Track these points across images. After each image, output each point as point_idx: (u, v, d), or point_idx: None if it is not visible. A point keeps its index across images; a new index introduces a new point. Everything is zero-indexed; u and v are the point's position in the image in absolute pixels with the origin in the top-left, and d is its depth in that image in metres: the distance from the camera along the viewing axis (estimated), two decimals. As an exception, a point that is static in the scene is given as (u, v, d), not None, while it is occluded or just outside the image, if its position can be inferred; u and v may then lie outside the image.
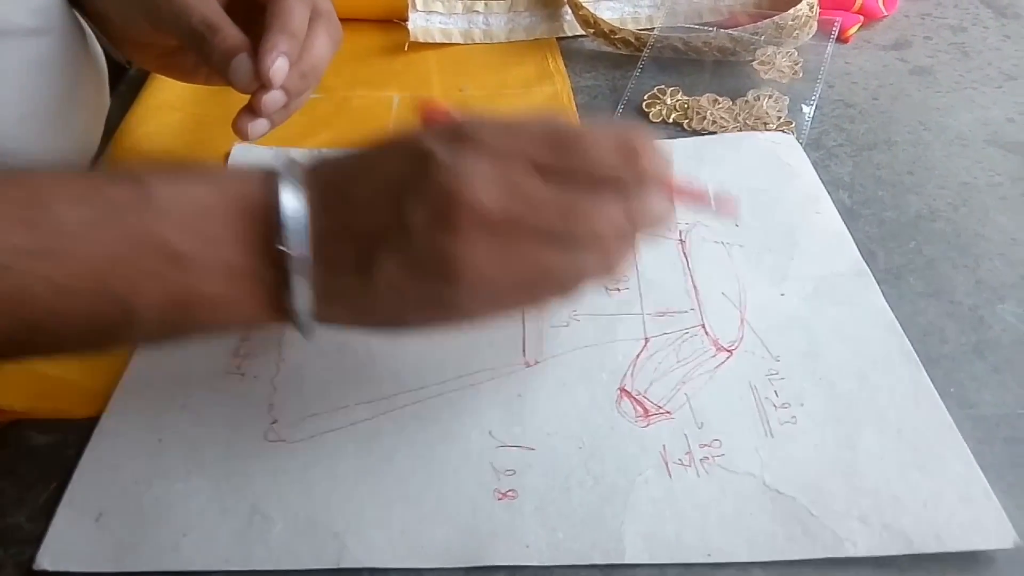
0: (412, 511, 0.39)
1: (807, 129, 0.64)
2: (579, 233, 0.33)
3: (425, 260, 0.32)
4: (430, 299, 0.34)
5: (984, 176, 0.60)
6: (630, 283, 0.50)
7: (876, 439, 0.41)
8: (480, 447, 0.41)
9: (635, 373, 0.45)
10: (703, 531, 0.38)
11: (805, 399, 0.43)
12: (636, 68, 0.71)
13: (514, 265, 0.33)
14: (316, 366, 0.46)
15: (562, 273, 0.35)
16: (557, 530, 0.38)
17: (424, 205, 0.32)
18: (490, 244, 0.32)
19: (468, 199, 0.31)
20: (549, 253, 0.33)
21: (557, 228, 0.33)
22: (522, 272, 0.34)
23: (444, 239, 0.32)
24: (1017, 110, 0.67)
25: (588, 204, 0.33)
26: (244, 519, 0.39)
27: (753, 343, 0.46)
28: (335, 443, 0.42)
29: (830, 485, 0.39)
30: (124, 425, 0.43)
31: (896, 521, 0.37)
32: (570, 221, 0.33)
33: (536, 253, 0.33)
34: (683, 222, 0.54)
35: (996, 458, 0.41)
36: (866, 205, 0.57)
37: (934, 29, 0.79)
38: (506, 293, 0.35)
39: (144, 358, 0.46)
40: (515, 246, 0.33)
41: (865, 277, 0.50)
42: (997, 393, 0.44)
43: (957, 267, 0.52)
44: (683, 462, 0.40)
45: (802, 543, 0.37)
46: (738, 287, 0.50)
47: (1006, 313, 0.49)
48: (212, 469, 0.41)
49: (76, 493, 0.40)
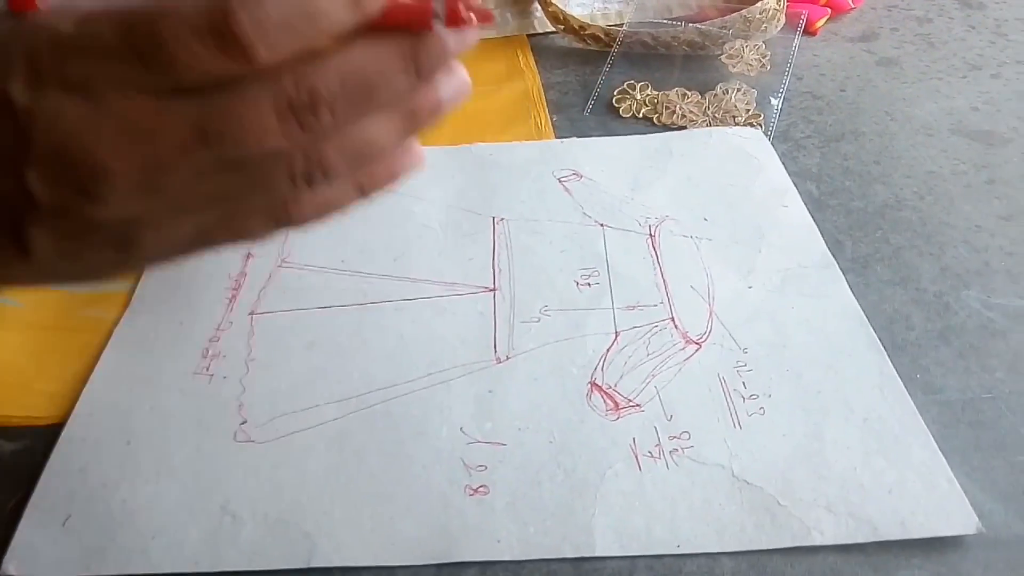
0: (383, 509, 0.39)
1: (775, 121, 0.64)
2: (232, 146, 0.26)
3: (79, 231, 0.27)
4: (110, 260, 0.29)
5: (949, 165, 0.60)
6: (600, 278, 0.50)
7: (842, 429, 0.41)
8: (451, 444, 0.41)
9: (605, 367, 0.45)
10: (673, 523, 0.38)
11: (773, 390, 0.43)
12: (606, 64, 0.71)
13: (181, 203, 0.27)
14: (285, 365, 0.46)
15: (241, 192, 0.28)
16: (528, 524, 0.38)
17: (43, 176, 0.26)
18: (139, 197, 0.26)
19: (88, 162, 0.25)
20: (216, 181, 0.27)
21: (204, 152, 0.26)
22: (195, 209, 0.28)
23: (89, 209, 0.26)
24: (981, 99, 0.68)
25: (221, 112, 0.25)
26: (214, 520, 0.39)
27: (721, 335, 0.46)
28: (305, 442, 0.42)
29: (797, 475, 0.39)
30: (91, 428, 0.43)
31: (861, 509, 0.38)
32: (214, 140, 0.25)
33: (199, 188, 0.27)
34: (653, 216, 0.55)
35: (961, 442, 0.41)
36: (833, 196, 0.58)
37: (900, 20, 0.80)
38: (195, 234, 0.29)
39: (111, 360, 0.46)
40: (169, 185, 0.26)
41: (832, 269, 0.50)
42: (962, 378, 0.45)
43: (923, 255, 0.53)
44: (653, 454, 0.41)
45: (770, 532, 0.37)
46: (707, 280, 0.50)
47: (971, 299, 0.49)
48: (181, 471, 0.41)
49: (42, 497, 0.40)
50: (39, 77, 0.25)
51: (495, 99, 0.68)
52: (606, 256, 0.52)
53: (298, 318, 0.48)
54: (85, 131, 0.25)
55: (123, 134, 0.25)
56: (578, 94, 0.69)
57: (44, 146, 0.25)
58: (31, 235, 0.27)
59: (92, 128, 0.25)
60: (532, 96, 0.68)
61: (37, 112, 0.25)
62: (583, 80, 0.71)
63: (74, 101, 0.25)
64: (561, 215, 0.55)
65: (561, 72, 0.72)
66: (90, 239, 0.28)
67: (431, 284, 0.51)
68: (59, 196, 0.26)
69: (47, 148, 0.25)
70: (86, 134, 0.25)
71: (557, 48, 0.76)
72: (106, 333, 0.47)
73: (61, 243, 0.27)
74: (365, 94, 0.26)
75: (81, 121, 0.25)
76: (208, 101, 0.25)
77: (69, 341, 0.47)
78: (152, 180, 0.26)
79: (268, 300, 0.49)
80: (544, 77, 0.71)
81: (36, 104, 0.25)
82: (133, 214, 0.27)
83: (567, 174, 0.59)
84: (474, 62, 0.29)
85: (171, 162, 0.26)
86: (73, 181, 0.25)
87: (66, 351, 0.46)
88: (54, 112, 0.25)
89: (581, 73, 0.72)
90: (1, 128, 0.25)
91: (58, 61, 0.25)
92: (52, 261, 0.28)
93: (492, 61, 0.72)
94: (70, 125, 0.25)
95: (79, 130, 0.25)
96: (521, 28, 0.77)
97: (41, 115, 0.25)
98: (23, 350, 0.47)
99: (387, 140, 0.29)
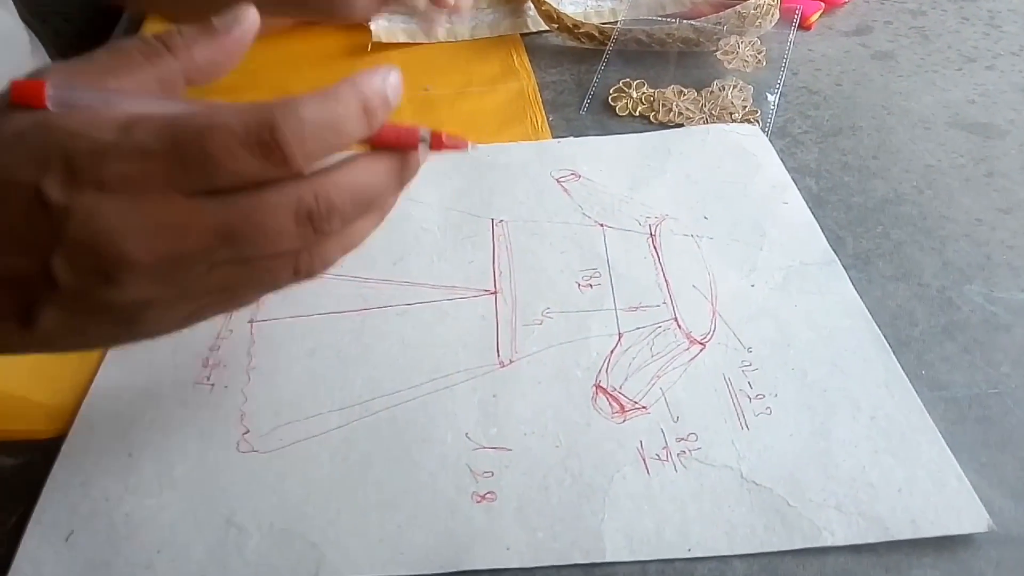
0: (390, 518, 0.39)
1: (772, 117, 0.64)
2: (250, 247, 0.29)
3: (90, 310, 0.30)
4: (110, 335, 0.32)
5: (947, 158, 0.60)
6: (601, 279, 0.50)
7: (849, 427, 0.41)
8: (457, 450, 0.41)
9: (609, 369, 0.45)
10: (683, 526, 0.38)
11: (778, 389, 0.43)
12: (601, 62, 0.71)
13: (190, 293, 0.30)
14: (287, 373, 0.45)
15: (248, 286, 0.32)
16: (537, 530, 0.38)
17: (70, 264, 0.28)
18: (155, 284, 0.29)
19: (116, 253, 0.28)
20: (225, 273, 0.30)
21: (223, 251, 0.29)
22: (200, 295, 0.31)
23: (104, 292, 0.29)
24: (977, 92, 0.68)
25: (246, 216, 0.29)
26: (219, 533, 0.38)
27: (725, 335, 0.46)
28: (309, 451, 0.41)
29: (806, 475, 0.39)
30: (92, 442, 0.42)
31: (871, 509, 0.38)
32: (236, 240, 0.29)
33: (209, 278, 0.30)
34: (653, 215, 0.54)
35: (968, 439, 0.41)
36: (833, 191, 0.57)
37: (894, 13, 0.80)
38: (192, 313, 0.32)
39: (111, 372, 0.45)
40: (184, 276, 0.29)
41: (834, 266, 0.50)
42: (967, 374, 0.45)
43: (924, 250, 0.53)
44: (660, 457, 0.40)
45: (781, 534, 0.37)
46: (708, 279, 0.50)
47: (973, 293, 0.49)
48: (184, 483, 0.40)
49: (45, 512, 0.39)
50: (77, 178, 0.27)
51: (490, 100, 0.68)
52: (607, 256, 0.52)
53: (298, 325, 0.48)
54: (117, 228, 0.27)
55: (153, 230, 0.28)
56: (573, 93, 0.69)
57: (75, 239, 0.27)
58: (41, 313, 0.29)
59: (124, 225, 0.27)
60: (528, 96, 0.68)
61: (73, 209, 0.27)
62: (578, 79, 0.70)
63: (110, 201, 0.27)
64: (560, 216, 0.55)
65: (556, 71, 0.72)
66: (97, 318, 0.30)
67: (431, 288, 0.50)
68: (81, 282, 0.28)
69: (78, 241, 0.27)
70: (118, 230, 0.27)
71: (552, 47, 0.75)
72: (105, 344, 0.47)
73: (68, 320, 0.30)
74: (367, 204, 0.31)
75: (115, 219, 0.27)
76: (234, 204, 0.28)
77: (68, 353, 0.46)
78: (171, 271, 0.29)
79: (267, 307, 0.49)
80: (539, 76, 0.70)
81: (72, 202, 0.27)
82: (145, 298, 0.29)
83: (565, 174, 0.58)
84: (468, 63, 0.33)
85: (192, 257, 0.29)
86: (98, 269, 0.28)
87: (64, 363, 0.46)
88: (89, 210, 0.27)
89: (576, 72, 0.71)
90: (33, 219, 0.27)
91: (97, 166, 0.27)
92: (54, 335, 0.31)
93: (486, 61, 0.72)
94: (104, 222, 0.27)
95: (112, 227, 0.27)
96: (515, 28, 0.77)
97: (76, 212, 0.27)
98: (21, 363, 0.46)
99: (368, 233, 0.34)
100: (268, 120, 0.27)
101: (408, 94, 0.68)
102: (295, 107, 0.28)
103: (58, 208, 0.27)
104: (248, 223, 0.29)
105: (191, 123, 0.27)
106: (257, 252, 0.30)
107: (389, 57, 0.72)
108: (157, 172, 0.27)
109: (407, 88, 0.71)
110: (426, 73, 0.70)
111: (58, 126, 0.28)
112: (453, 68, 0.71)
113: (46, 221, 0.27)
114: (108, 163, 0.27)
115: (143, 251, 0.28)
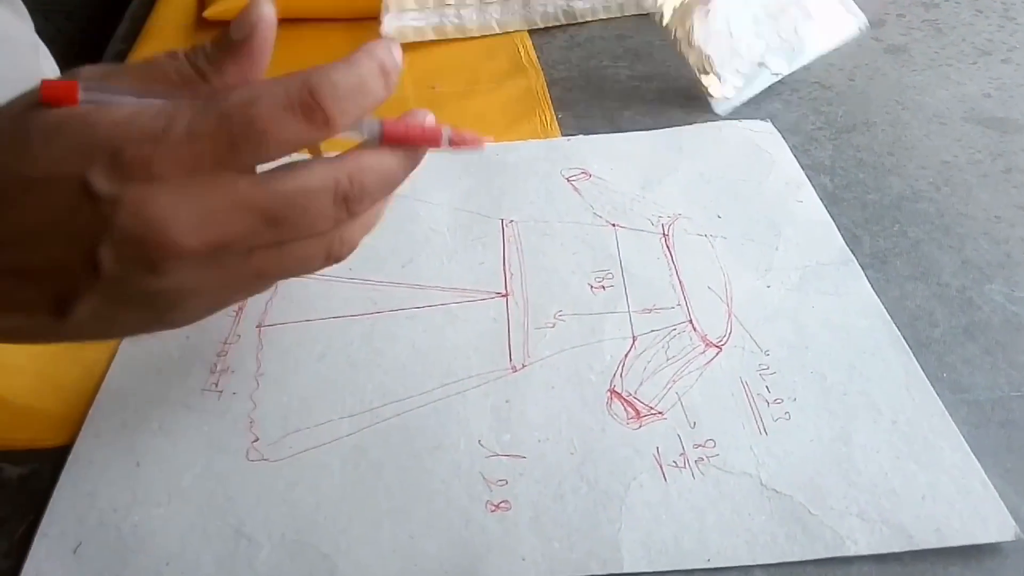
0: (403, 528, 0.38)
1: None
2: (291, 229, 0.31)
3: (129, 298, 0.30)
4: (140, 322, 0.32)
5: (964, 154, 0.59)
6: (614, 280, 0.49)
7: (870, 432, 0.40)
8: (470, 458, 0.40)
9: (624, 373, 0.44)
10: (701, 535, 0.37)
11: (797, 393, 0.42)
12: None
13: (227, 279, 0.31)
14: (296, 379, 0.45)
15: (280, 270, 0.33)
16: (553, 540, 0.37)
17: (117, 255, 0.28)
18: (197, 270, 0.30)
19: (164, 242, 0.28)
20: (262, 257, 0.31)
21: (265, 236, 0.30)
22: (235, 281, 0.32)
23: (147, 281, 0.29)
24: (993, 85, 0.67)
25: (290, 198, 0.30)
26: (229, 544, 0.38)
27: (742, 337, 0.45)
28: (319, 460, 0.41)
29: (827, 482, 0.38)
30: (99, 451, 0.41)
31: (895, 516, 0.37)
32: (279, 222, 0.30)
33: (248, 263, 0.31)
34: (665, 215, 0.54)
35: (992, 443, 0.40)
36: (848, 189, 0.56)
37: (906, 6, 0.78)
38: (222, 299, 0.34)
39: (117, 379, 0.45)
40: (224, 263, 0.30)
41: (851, 265, 0.49)
42: (990, 376, 0.44)
43: (942, 248, 0.52)
44: (678, 464, 0.40)
45: (803, 543, 0.36)
46: (723, 280, 0.49)
47: (994, 293, 0.48)
48: (193, 492, 0.40)
49: (52, 524, 0.39)
50: (125, 169, 0.27)
51: (498, 96, 0.67)
52: (619, 257, 0.51)
53: (307, 329, 0.47)
54: (168, 216, 0.28)
55: (202, 216, 0.28)
56: (583, 90, 0.68)
57: (124, 229, 0.27)
58: (78, 304, 0.29)
59: (174, 213, 0.28)
60: (536, 93, 0.67)
61: (122, 200, 0.27)
62: (587, 75, 0.69)
63: (160, 189, 0.27)
64: (571, 215, 0.54)
65: (564, 68, 0.71)
66: (133, 307, 0.30)
67: (441, 291, 0.49)
68: (126, 271, 0.28)
69: (127, 231, 0.28)
70: (168, 219, 0.28)
71: (560, 43, 0.74)
72: (111, 350, 0.46)
73: (103, 310, 0.30)
74: (391, 186, 0.33)
75: (166, 207, 0.28)
76: (278, 185, 0.29)
77: (73, 359, 0.46)
78: (214, 257, 0.29)
79: (275, 311, 0.48)
80: (547, 73, 0.69)
81: (122, 192, 0.27)
82: (186, 286, 0.30)
83: (576, 173, 0.58)
84: (476, 61, 0.34)
85: (236, 242, 0.29)
86: (145, 259, 0.28)
87: (70, 370, 0.45)
88: (139, 201, 0.27)
89: (585, 68, 0.70)
90: (78, 211, 0.27)
91: (146, 155, 0.27)
92: (85, 325, 0.31)
93: (494, 59, 0.71)
94: (154, 212, 0.27)
95: (162, 216, 0.27)
96: (524, 22, 0.75)
97: (126, 203, 0.27)
98: (27, 370, 0.45)
99: (382, 216, 0.36)
100: (307, 84, 0.29)
101: (416, 93, 0.68)
102: (327, 71, 0.29)
103: (107, 199, 0.27)
104: (292, 205, 0.30)
105: (234, 99, 0.28)
106: (296, 234, 0.31)
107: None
108: (207, 153, 0.28)
109: (415, 87, 0.71)
110: (434, 72, 0.69)
111: (98, 119, 0.28)
112: (461, 66, 0.70)
113: (93, 212, 0.27)
114: (157, 151, 0.27)
115: (192, 238, 0.28)
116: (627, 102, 0.66)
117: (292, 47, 0.74)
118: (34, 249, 0.29)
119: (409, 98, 0.66)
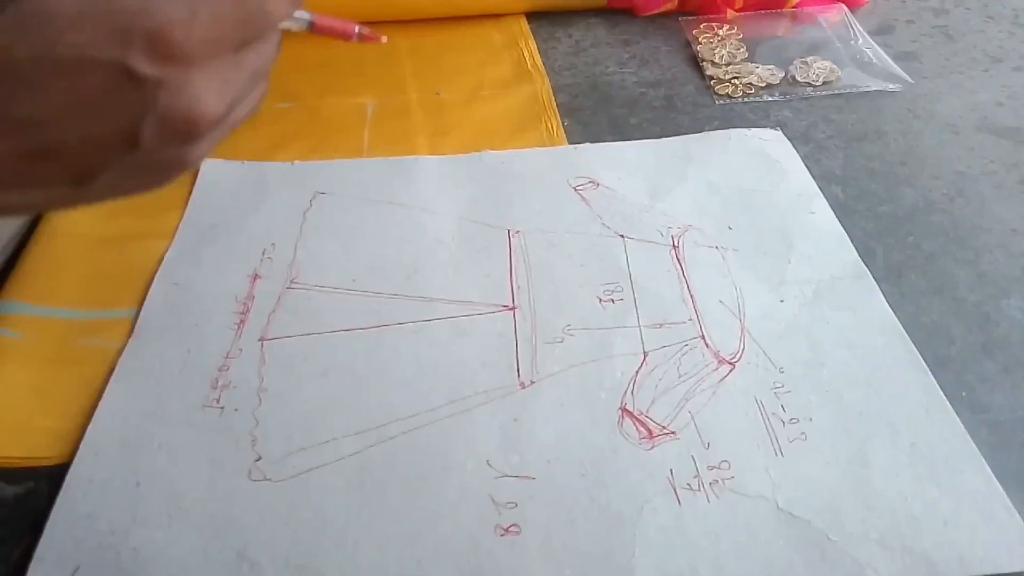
0: (409, 552, 0.37)
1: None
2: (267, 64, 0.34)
3: (151, 166, 0.32)
4: (150, 184, 0.34)
5: (978, 164, 0.58)
6: (624, 293, 0.48)
7: (889, 453, 0.39)
8: (478, 479, 0.39)
9: (635, 391, 0.43)
10: (717, 562, 0.36)
11: (813, 413, 0.41)
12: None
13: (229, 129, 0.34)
14: (300, 395, 0.43)
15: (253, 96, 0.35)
16: (564, 567, 0.36)
17: (160, 130, 0.30)
18: (216, 131, 0.32)
19: (202, 115, 0.31)
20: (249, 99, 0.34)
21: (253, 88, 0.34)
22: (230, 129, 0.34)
23: (183, 152, 0.32)
24: (1005, 94, 0.66)
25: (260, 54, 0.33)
26: (231, 568, 0.37)
27: (755, 354, 0.44)
28: (323, 480, 0.40)
29: (845, 505, 0.38)
30: (98, 470, 0.40)
31: (917, 543, 0.36)
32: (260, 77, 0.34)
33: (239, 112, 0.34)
34: (675, 226, 0.52)
35: (1014, 465, 0.39)
36: (860, 199, 0.55)
37: (916, 12, 0.78)
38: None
39: (117, 394, 0.43)
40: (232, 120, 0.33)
41: (865, 279, 0.48)
42: (1010, 395, 0.43)
43: (958, 261, 0.51)
44: (692, 487, 0.39)
45: (822, 570, 0.35)
46: (736, 294, 0.48)
47: (1011, 308, 0.47)
48: (194, 514, 0.39)
49: (49, 547, 0.37)
50: (163, 52, 0.29)
51: (502, 103, 0.66)
52: (628, 270, 0.50)
53: (311, 343, 0.46)
54: (204, 92, 0.30)
55: (220, 87, 0.31)
56: (589, 96, 0.67)
57: (168, 106, 0.29)
58: (104, 173, 0.31)
59: (208, 88, 0.30)
60: (542, 99, 0.66)
61: (164, 81, 0.29)
62: (593, 81, 0.68)
63: (195, 68, 0.30)
64: (579, 226, 0.53)
65: (570, 73, 0.70)
66: (152, 171, 0.32)
67: (447, 303, 0.48)
68: (165, 144, 0.30)
69: (171, 108, 0.29)
70: (204, 94, 0.30)
71: (565, 48, 0.73)
72: (110, 364, 0.45)
73: (123, 177, 0.32)
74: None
75: (202, 84, 0.30)
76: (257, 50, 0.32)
77: (72, 374, 0.45)
78: (225, 119, 0.32)
79: (278, 324, 0.47)
80: (553, 79, 0.68)
81: (163, 74, 0.29)
82: (207, 150, 0.32)
83: (583, 182, 0.57)
84: (480, 66, 0.34)
85: (237, 100, 0.32)
86: (184, 132, 0.30)
87: (68, 385, 0.44)
88: (180, 80, 0.29)
89: (591, 74, 0.69)
90: (119, 90, 0.29)
91: (181, 38, 0.29)
92: (103, 192, 0.32)
93: (499, 64, 0.70)
94: (194, 89, 0.30)
95: (200, 92, 0.30)
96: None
97: (168, 83, 0.29)
98: (24, 385, 0.44)
99: None
100: None
101: (420, 98, 0.67)
102: None
103: (149, 80, 0.29)
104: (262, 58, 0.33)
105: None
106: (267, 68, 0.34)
107: (400, 61, 0.70)
108: (230, 34, 0.30)
109: (419, 93, 0.69)
110: (438, 77, 0.68)
111: (124, 6, 0.29)
112: (465, 71, 0.69)
113: (135, 92, 0.29)
114: (191, 33, 0.29)
115: (220, 107, 0.31)
116: (634, 109, 0.65)
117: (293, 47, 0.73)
118: (64, 129, 0.30)
119: (413, 104, 0.65)
